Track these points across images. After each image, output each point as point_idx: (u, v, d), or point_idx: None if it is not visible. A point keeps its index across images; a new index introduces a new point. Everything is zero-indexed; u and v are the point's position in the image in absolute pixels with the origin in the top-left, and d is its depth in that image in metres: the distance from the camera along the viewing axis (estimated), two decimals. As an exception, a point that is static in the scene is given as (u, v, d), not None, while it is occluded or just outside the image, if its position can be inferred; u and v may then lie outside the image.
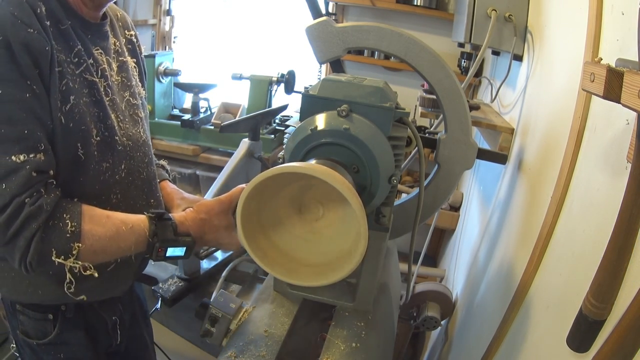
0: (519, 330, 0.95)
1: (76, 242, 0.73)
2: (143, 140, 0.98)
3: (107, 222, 0.78)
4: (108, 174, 0.87)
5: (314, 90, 0.75)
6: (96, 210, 0.79)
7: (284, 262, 0.68)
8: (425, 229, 1.83)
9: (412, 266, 1.03)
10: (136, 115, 0.97)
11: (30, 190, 0.71)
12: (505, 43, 1.45)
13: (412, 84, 2.51)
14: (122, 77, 0.94)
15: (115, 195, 0.89)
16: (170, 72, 2.66)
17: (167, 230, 0.83)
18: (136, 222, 0.82)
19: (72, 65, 0.79)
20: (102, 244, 0.77)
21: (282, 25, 2.90)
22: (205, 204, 0.91)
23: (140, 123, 0.98)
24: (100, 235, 0.76)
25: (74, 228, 0.74)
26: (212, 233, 0.89)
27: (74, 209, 0.76)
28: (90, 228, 0.76)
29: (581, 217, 0.78)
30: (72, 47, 0.80)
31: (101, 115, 0.84)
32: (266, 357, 0.76)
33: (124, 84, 0.95)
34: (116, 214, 0.82)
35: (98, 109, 0.84)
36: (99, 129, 0.84)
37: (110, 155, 0.87)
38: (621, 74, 0.51)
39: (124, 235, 0.79)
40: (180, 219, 0.87)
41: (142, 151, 0.97)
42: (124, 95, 0.94)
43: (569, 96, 0.93)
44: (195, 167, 2.65)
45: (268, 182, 0.58)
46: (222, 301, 0.87)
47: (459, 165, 0.94)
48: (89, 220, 0.76)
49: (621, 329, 0.54)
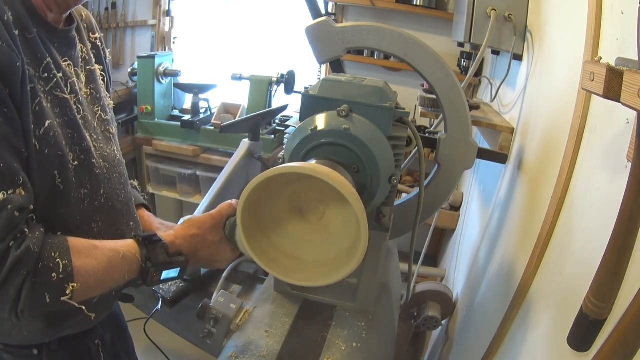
0: (519, 329, 0.95)
1: (70, 283, 0.66)
2: (118, 160, 0.89)
3: (98, 254, 0.71)
4: (87, 201, 0.78)
5: (313, 91, 0.75)
6: (82, 242, 0.71)
7: (285, 263, 0.68)
8: (425, 229, 1.83)
9: (413, 266, 1.03)
10: (108, 132, 0.87)
11: (13, 232, 0.62)
12: (505, 43, 1.45)
13: (412, 84, 2.51)
14: (92, 89, 0.84)
15: (96, 224, 0.81)
16: (170, 73, 2.66)
17: (159, 253, 0.78)
18: (126, 248, 0.75)
19: (42, 81, 0.70)
20: (97, 279, 0.69)
21: (282, 25, 2.90)
22: (196, 220, 0.86)
23: (113, 140, 0.89)
24: (93, 270, 0.69)
25: (65, 267, 0.65)
26: (205, 249, 0.85)
27: (61, 244, 0.67)
28: (82, 264, 0.68)
29: (581, 217, 0.78)
30: (41, 59, 0.69)
31: (76, 137, 0.75)
32: (267, 357, 0.76)
33: (94, 96, 0.85)
34: (104, 242, 0.74)
35: (72, 130, 0.74)
36: (75, 153, 0.75)
37: (88, 181, 0.78)
38: (621, 73, 0.51)
39: (117, 264, 0.73)
40: (170, 239, 0.81)
41: (118, 172, 0.88)
42: (95, 111, 0.84)
43: (569, 95, 0.93)
44: (195, 167, 2.65)
45: (268, 182, 0.58)
46: (222, 302, 0.87)
47: (459, 165, 0.94)
48: (78, 255, 0.68)
49: (622, 328, 0.54)
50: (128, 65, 2.89)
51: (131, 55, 2.98)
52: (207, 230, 0.85)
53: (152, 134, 2.68)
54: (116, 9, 2.90)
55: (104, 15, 2.87)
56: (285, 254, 0.68)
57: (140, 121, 2.67)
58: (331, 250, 0.67)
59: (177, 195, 2.77)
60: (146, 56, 2.59)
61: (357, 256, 0.60)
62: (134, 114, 2.75)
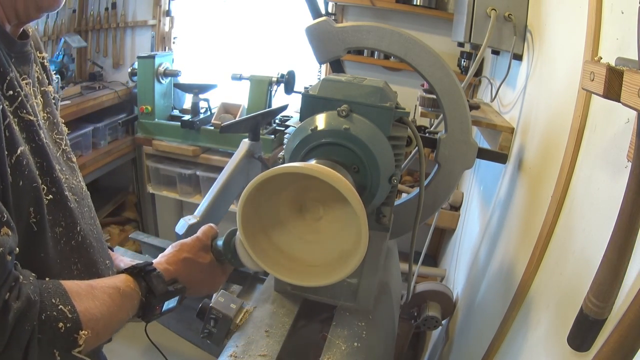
0: (519, 329, 0.95)
1: (80, 331, 0.56)
2: (85, 191, 0.78)
3: (97, 293, 0.61)
4: (63, 240, 0.67)
5: (313, 91, 0.75)
6: (78, 284, 0.61)
7: (285, 262, 0.68)
8: (425, 229, 1.83)
9: (413, 266, 1.03)
10: (70, 162, 0.77)
11: (8, 281, 0.51)
12: (505, 42, 1.45)
13: (412, 83, 2.51)
14: (48, 114, 0.73)
15: (75, 266, 0.70)
16: (170, 73, 2.66)
17: (159, 283, 0.70)
18: (123, 283, 0.67)
19: (7, 100, 0.59)
20: (104, 322, 0.60)
21: (282, 25, 2.90)
22: (185, 243, 0.81)
23: (76, 170, 0.78)
24: (99, 313, 0.60)
25: (70, 313, 0.55)
26: (197, 273, 0.80)
27: (58, 289, 0.57)
28: (86, 307, 0.58)
29: (581, 216, 0.78)
30: (4, 75, 0.59)
31: (45, 167, 0.64)
32: (267, 357, 0.76)
33: (51, 121, 0.74)
34: (97, 281, 0.65)
35: (40, 158, 0.63)
36: (46, 185, 0.63)
37: (62, 217, 0.67)
38: (621, 73, 0.51)
39: (119, 302, 0.64)
40: (162, 266, 0.74)
41: (87, 205, 0.77)
42: (55, 138, 0.73)
43: (568, 95, 0.93)
44: (195, 167, 2.65)
45: (268, 182, 0.58)
46: (222, 302, 0.87)
47: (459, 165, 0.94)
48: (79, 298, 0.58)
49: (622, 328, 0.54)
50: (128, 65, 2.90)
51: (131, 55, 2.98)
52: (197, 253, 0.81)
53: (152, 134, 2.68)
54: (116, 9, 2.90)
55: (104, 15, 2.87)
56: (285, 254, 0.68)
57: (140, 121, 2.67)
58: (331, 250, 0.67)
59: (177, 195, 2.77)
60: (146, 56, 2.59)
61: (357, 256, 0.60)
62: (134, 114, 2.75)
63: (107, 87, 2.78)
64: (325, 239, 0.68)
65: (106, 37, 2.92)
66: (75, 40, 2.64)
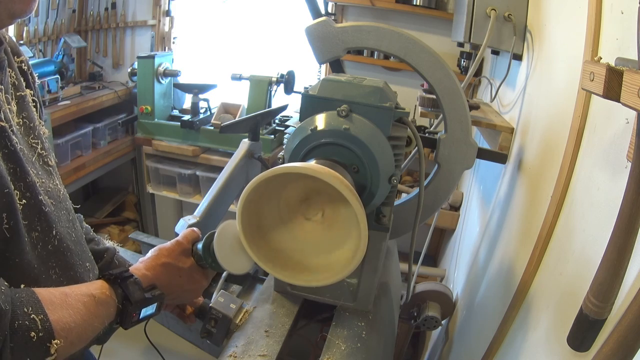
0: (519, 329, 0.95)
1: (52, 340, 0.56)
2: (63, 194, 0.78)
3: (71, 301, 0.61)
4: (40, 245, 0.68)
5: (313, 91, 0.75)
6: (51, 292, 0.60)
7: (285, 263, 0.68)
8: (425, 229, 1.83)
9: (413, 266, 1.03)
10: (47, 165, 0.77)
11: None
12: (505, 42, 1.45)
13: (412, 84, 2.51)
14: (24, 119, 0.74)
15: (53, 270, 0.70)
16: (169, 73, 2.66)
17: (136, 290, 0.70)
18: (98, 290, 0.66)
19: None
20: (78, 331, 0.60)
21: (282, 25, 2.90)
22: (165, 248, 0.80)
23: (53, 174, 0.78)
24: (72, 322, 0.59)
25: (42, 323, 0.55)
26: (177, 277, 0.78)
27: (30, 297, 0.57)
28: (59, 316, 0.57)
29: (581, 217, 0.78)
30: None
31: (18, 172, 0.64)
32: (267, 357, 0.76)
33: (27, 126, 0.74)
34: (72, 288, 0.64)
35: (13, 164, 0.64)
36: (20, 190, 0.64)
37: (37, 221, 0.67)
38: (621, 73, 0.51)
39: (94, 310, 0.63)
40: (139, 272, 0.74)
41: (65, 208, 0.77)
42: (30, 142, 0.74)
43: (568, 95, 0.93)
44: (195, 167, 2.65)
45: (268, 182, 0.58)
46: (222, 302, 0.87)
47: (459, 165, 0.94)
48: (52, 307, 0.58)
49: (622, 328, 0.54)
50: (128, 65, 2.90)
51: (131, 55, 2.98)
52: (177, 257, 0.79)
53: (152, 134, 2.68)
54: (116, 9, 2.90)
55: (103, 15, 2.87)
56: (285, 254, 0.68)
57: (140, 121, 2.67)
58: (331, 250, 0.67)
59: (176, 195, 2.77)
60: (146, 56, 2.59)
61: (357, 256, 0.60)
62: (133, 114, 2.75)
63: (107, 87, 2.78)
64: (325, 239, 0.68)
65: (106, 37, 2.93)
66: (75, 40, 2.64)
